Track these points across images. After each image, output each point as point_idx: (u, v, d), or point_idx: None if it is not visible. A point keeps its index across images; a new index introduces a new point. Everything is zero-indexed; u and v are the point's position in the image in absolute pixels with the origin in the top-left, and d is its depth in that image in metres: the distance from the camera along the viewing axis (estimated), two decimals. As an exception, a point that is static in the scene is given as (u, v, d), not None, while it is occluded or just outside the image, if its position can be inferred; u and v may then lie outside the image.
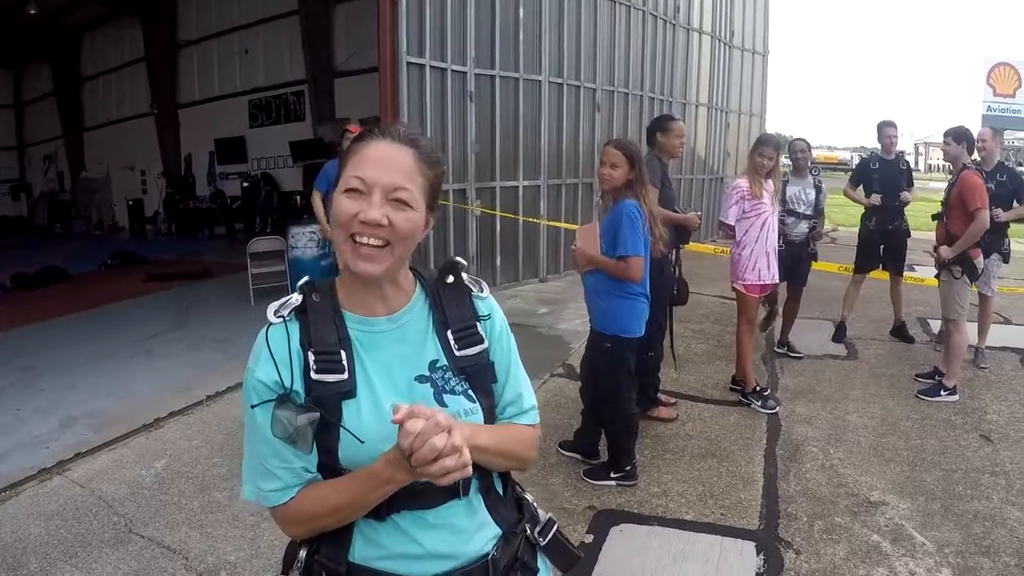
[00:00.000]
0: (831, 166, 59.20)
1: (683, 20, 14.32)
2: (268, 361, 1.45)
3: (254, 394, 1.46)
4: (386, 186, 1.42)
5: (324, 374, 1.44)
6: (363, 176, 1.42)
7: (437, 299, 1.59)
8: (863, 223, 7.93)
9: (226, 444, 5.19)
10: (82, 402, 6.06)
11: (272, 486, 1.48)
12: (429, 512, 1.50)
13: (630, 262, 4.32)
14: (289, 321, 1.49)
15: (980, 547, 3.89)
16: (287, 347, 1.46)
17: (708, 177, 15.81)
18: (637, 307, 4.49)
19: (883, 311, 8.39)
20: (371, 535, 1.49)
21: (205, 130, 19.21)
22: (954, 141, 6.21)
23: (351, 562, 1.50)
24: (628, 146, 4.49)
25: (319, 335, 1.47)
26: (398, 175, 1.43)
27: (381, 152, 1.45)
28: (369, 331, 1.52)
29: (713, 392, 6.27)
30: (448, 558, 1.51)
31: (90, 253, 15.42)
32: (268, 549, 3.84)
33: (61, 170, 24.38)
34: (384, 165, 1.43)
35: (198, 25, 19.02)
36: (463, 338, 1.56)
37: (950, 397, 6.01)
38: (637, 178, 4.41)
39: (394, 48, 8.05)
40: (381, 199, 1.42)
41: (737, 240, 5.87)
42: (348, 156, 1.48)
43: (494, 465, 1.58)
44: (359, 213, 1.40)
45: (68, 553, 3.81)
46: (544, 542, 1.68)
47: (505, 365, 1.63)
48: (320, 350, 1.46)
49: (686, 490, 4.53)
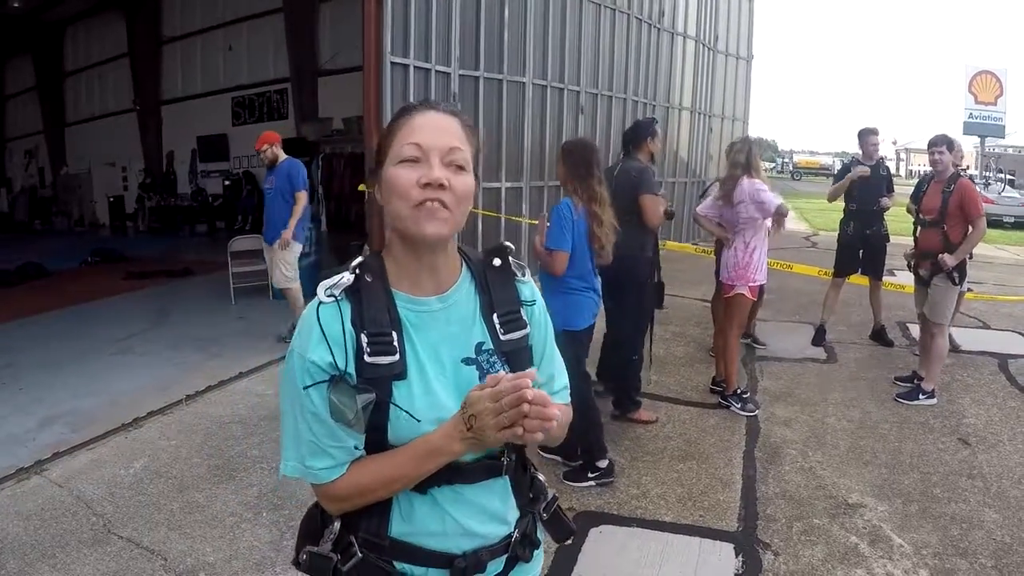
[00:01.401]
0: (813, 170, 59.74)
1: (668, 24, 14.39)
2: (321, 342, 1.45)
3: (307, 376, 1.46)
4: (442, 149, 1.46)
5: (377, 356, 1.46)
6: (419, 141, 1.45)
7: (484, 281, 1.61)
8: (842, 228, 7.98)
9: (205, 444, 5.17)
10: (61, 401, 6.02)
11: (323, 464, 1.49)
12: (467, 488, 1.54)
13: (552, 255, 4.49)
14: (341, 300, 1.49)
15: (957, 549, 3.93)
16: (340, 327, 1.46)
17: (691, 180, 15.92)
18: (578, 300, 4.56)
19: (863, 315, 8.45)
20: (408, 511, 1.53)
21: (187, 127, 19.09)
22: (947, 149, 6.23)
23: (390, 536, 1.53)
24: (566, 145, 4.83)
25: (372, 316, 1.48)
26: (452, 137, 1.48)
27: (432, 120, 1.49)
28: (419, 311, 1.53)
29: (693, 395, 6.29)
30: (477, 536, 1.56)
31: (70, 250, 15.33)
32: (247, 550, 3.83)
33: (42, 166, 24.19)
34: (437, 130, 1.47)
35: (182, 21, 18.90)
36: (508, 322, 1.60)
37: (928, 400, 6.07)
38: (572, 175, 4.59)
39: (378, 48, 8.02)
40: (439, 162, 1.45)
41: (747, 242, 5.82)
42: (393, 132, 1.51)
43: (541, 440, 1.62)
44: (420, 177, 1.43)
45: (46, 554, 3.79)
46: (547, 517, 1.74)
47: (541, 348, 1.67)
48: (373, 332, 1.47)
49: (665, 492, 4.54)
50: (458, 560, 1.55)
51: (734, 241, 5.85)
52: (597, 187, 4.55)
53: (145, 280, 11.81)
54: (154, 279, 11.88)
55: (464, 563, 1.55)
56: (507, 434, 1.37)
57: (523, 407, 1.33)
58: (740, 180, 5.76)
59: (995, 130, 27.07)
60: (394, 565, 1.54)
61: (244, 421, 5.57)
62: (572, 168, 4.61)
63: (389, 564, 1.54)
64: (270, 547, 3.86)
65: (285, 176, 7.57)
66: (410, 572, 1.55)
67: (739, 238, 5.83)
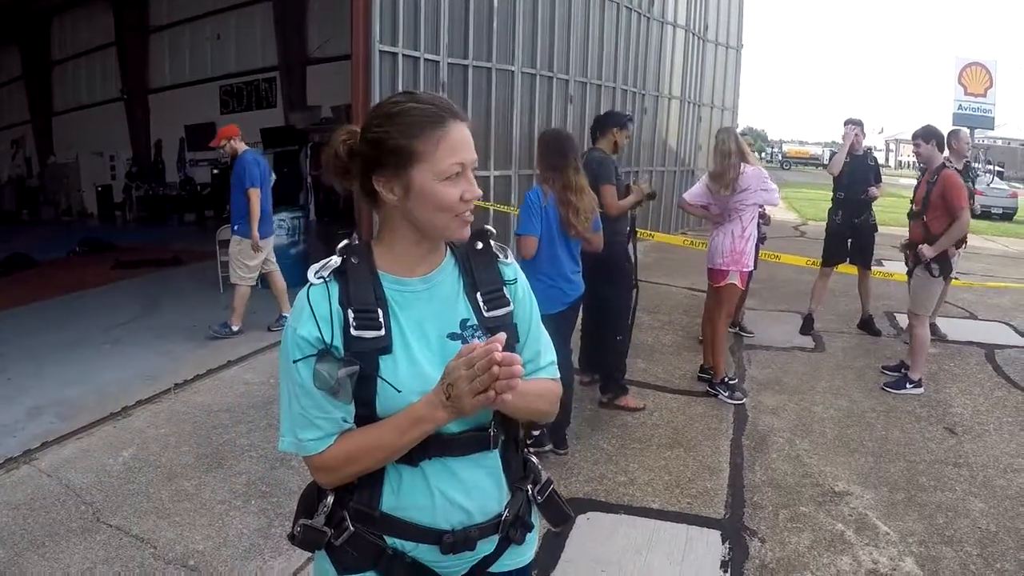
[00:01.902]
0: (803, 160, 59.97)
1: (657, 13, 14.38)
2: (310, 319, 1.55)
3: (296, 350, 1.56)
4: (472, 163, 1.60)
5: (363, 330, 1.55)
6: (464, 161, 1.57)
7: (467, 263, 1.71)
8: (830, 216, 8.03)
9: (194, 433, 5.16)
10: (49, 391, 5.99)
11: (311, 435, 1.57)
12: (456, 462, 1.62)
13: (520, 240, 4.68)
14: (329, 281, 1.59)
15: (943, 537, 3.97)
16: (328, 306, 1.56)
17: (680, 169, 15.93)
18: (542, 289, 4.52)
19: (851, 305, 8.50)
20: (397, 484, 1.61)
21: (175, 116, 19.00)
22: (923, 141, 6.27)
23: (381, 510, 1.61)
24: (542, 135, 5.09)
25: (358, 294, 1.58)
26: (474, 151, 1.61)
27: (465, 135, 1.59)
28: (403, 291, 1.63)
29: (681, 383, 6.32)
30: (465, 510, 1.63)
31: (58, 240, 15.19)
32: (236, 537, 3.84)
33: (29, 155, 23.99)
34: (470, 146, 1.60)
35: (170, 9, 18.79)
36: (491, 300, 1.68)
37: (915, 390, 6.11)
38: (545, 164, 4.78)
39: (367, 36, 7.99)
40: (471, 175, 1.59)
41: (744, 228, 5.84)
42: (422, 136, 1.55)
43: (522, 412, 1.69)
44: (463, 192, 1.57)
45: (36, 543, 3.79)
46: (541, 500, 1.81)
47: (526, 326, 1.74)
48: (359, 308, 1.57)
49: (653, 479, 4.57)
50: (447, 536, 1.61)
51: (730, 227, 5.85)
52: (573, 176, 4.65)
53: (134, 270, 11.72)
54: (143, 268, 11.80)
55: (452, 539, 1.61)
56: (482, 399, 1.43)
57: (494, 370, 1.40)
58: (743, 168, 5.77)
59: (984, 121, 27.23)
60: (385, 540, 1.61)
61: (232, 409, 5.56)
62: (545, 157, 4.77)
63: (380, 539, 1.61)
64: (259, 534, 3.87)
65: (235, 171, 7.53)
66: (400, 547, 1.62)
67: (736, 224, 5.83)
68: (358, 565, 1.64)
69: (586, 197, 4.66)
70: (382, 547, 1.62)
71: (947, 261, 6.11)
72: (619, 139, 5.80)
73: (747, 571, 3.64)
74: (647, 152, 14.55)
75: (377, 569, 1.64)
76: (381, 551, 1.62)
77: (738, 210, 5.83)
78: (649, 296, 9.00)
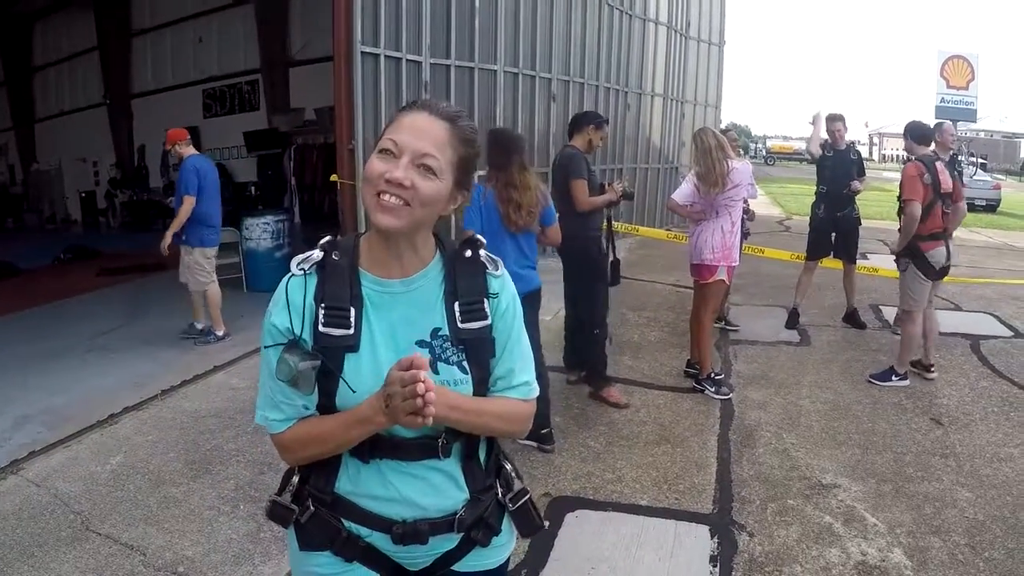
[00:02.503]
0: (787, 155, 60.13)
1: (639, 11, 14.40)
2: (284, 309, 1.62)
3: (268, 336, 1.65)
4: (415, 151, 1.55)
5: (330, 328, 1.60)
6: (396, 139, 1.56)
7: (452, 270, 1.70)
8: (813, 211, 8.06)
9: (181, 439, 5.15)
10: (35, 400, 5.95)
11: (276, 416, 1.67)
12: (407, 464, 1.66)
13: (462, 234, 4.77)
14: (309, 274, 1.64)
15: (931, 527, 4.00)
16: (302, 298, 1.62)
17: (663, 166, 15.97)
18: None
19: (835, 298, 8.54)
20: (354, 473, 1.67)
21: (158, 120, 18.75)
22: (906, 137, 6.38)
23: (336, 492, 1.69)
24: (489, 134, 5.06)
25: (332, 291, 1.62)
26: (427, 143, 1.56)
27: (417, 121, 1.58)
28: (381, 291, 1.65)
29: (667, 379, 6.35)
30: (417, 507, 1.67)
31: (42, 247, 15.10)
32: (225, 543, 3.83)
33: (12, 162, 23.84)
34: (417, 132, 1.56)
35: (152, 13, 18.63)
36: (468, 311, 1.67)
37: (901, 382, 6.14)
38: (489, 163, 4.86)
39: (348, 37, 7.97)
40: (408, 163, 1.54)
41: (733, 222, 5.86)
42: (389, 123, 1.61)
43: (474, 429, 1.70)
44: (386, 172, 1.53)
45: (25, 553, 3.77)
46: (513, 508, 1.81)
47: (504, 341, 1.72)
48: (330, 305, 1.61)
49: (640, 476, 4.59)
50: (396, 526, 1.66)
51: (719, 222, 5.84)
52: (517, 173, 4.77)
53: (119, 276, 11.66)
54: (128, 275, 11.74)
55: (402, 530, 1.66)
56: (413, 420, 1.47)
57: (417, 401, 1.43)
58: (731, 163, 5.78)
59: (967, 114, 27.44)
60: (343, 523, 1.68)
61: (220, 415, 5.55)
62: (490, 156, 4.86)
63: (338, 521, 1.68)
64: (248, 539, 3.87)
65: (179, 176, 7.44)
66: (356, 532, 1.68)
67: (725, 219, 5.83)
68: (316, 544, 1.71)
69: (530, 193, 4.75)
70: (338, 528, 1.69)
71: (921, 256, 6.03)
72: (594, 138, 5.86)
73: (736, 565, 3.66)
74: (631, 149, 14.57)
75: (332, 549, 1.70)
76: (337, 532, 1.69)
77: (727, 206, 5.84)
78: (634, 293, 9.06)
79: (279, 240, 9.95)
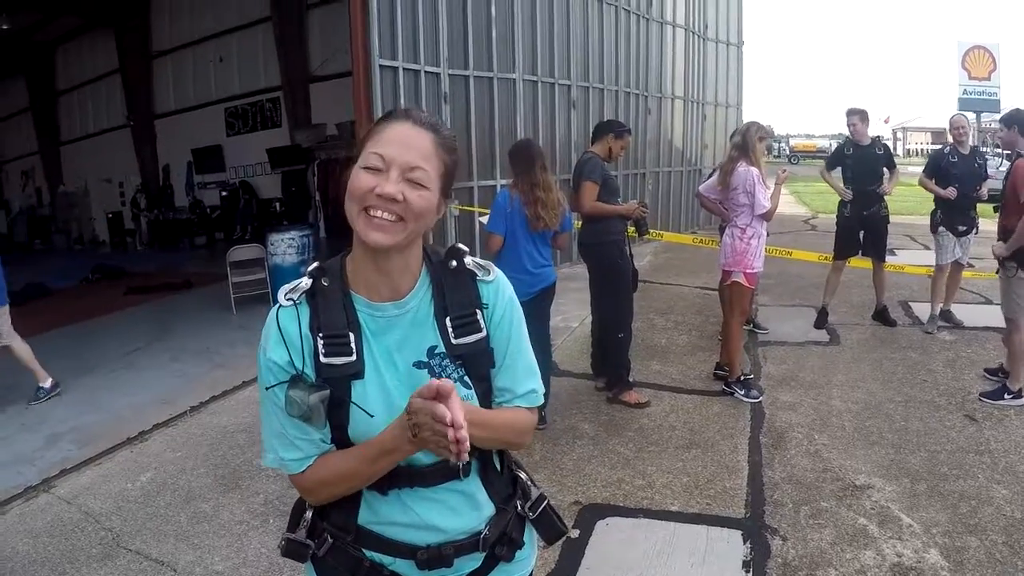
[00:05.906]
0: (810, 154, 59.65)
1: (656, 14, 14.36)
2: (279, 344, 1.55)
3: (269, 375, 1.56)
4: (404, 164, 1.49)
5: (332, 357, 1.54)
6: (383, 153, 1.49)
7: (440, 285, 1.63)
8: (840, 210, 7.92)
9: (210, 455, 5.18)
10: (66, 418, 6.04)
11: (292, 455, 1.59)
12: (428, 489, 1.60)
13: (488, 237, 5.24)
14: (300, 304, 1.57)
15: (967, 526, 3.92)
16: (297, 330, 1.55)
17: (686, 169, 15.87)
18: None
19: (864, 296, 8.43)
20: (375, 504, 1.61)
21: (182, 140, 19.12)
22: (1005, 126, 6.13)
23: (359, 525, 1.63)
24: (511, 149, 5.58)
25: (328, 319, 1.55)
26: (416, 155, 1.50)
27: (402, 133, 1.52)
28: (376, 316, 1.59)
29: (696, 383, 6.29)
30: (440, 531, 1.62)
31: (71, 268, 15.30)
32: (255, 558, 3.84)
33: (39, 185, 24.21)
34: (403, 145, 1.50)
35: (172, 34, 18.91)
36: (461, 326, 1.61)
37: (1015, 401, 5.58)
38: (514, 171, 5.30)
39: (366, 51, 8.02)
40: (398, 176, 1.48)
41: (743, 229, 5.79)
42: (369, 135, 1.55)
43: (491, 444, 1.67)
44: (375, 187, 1.47)
45: (56, 570, 3.80)
46: (534, 516, 1.77)
47: (502, 351, 1.67)
48: (329, 334, 1.54)
49: (671, 481, 4.54)
50: (420, 552, 1.61)
51: (732, 227, 5.84)
52: (540, 173, 5.12)
53: (146, 295, 11.80)
54: (155, 293, 11.87)
55: (427, 555, 1.61)
56: (444, 453, 1.39)
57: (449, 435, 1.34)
58: (737, 166, 5.74)
59: (990, 105, 27.12)
60: (364, 553, 1.63)
61: (248, 430, 5.56)
62: (513, 164, 5.30)
63: (359, 551, 1.63)
64: (278, 553, 3.85)
65: None
66: (379, 560, 1.63)
67: (736, 224, 5.82)
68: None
69: (553, 193, 5.10)
70: (360, 559, 1.63)
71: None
72: (614, 147, 5.91)
73: (770, 570, 3.61)
74: (652, 152, 14.50)
75: None
76: (359, 563, 1.63)
77: (733, 209, 5.85)
78: (661, 297, 9.03)
79: (304, 255, 9.99)
